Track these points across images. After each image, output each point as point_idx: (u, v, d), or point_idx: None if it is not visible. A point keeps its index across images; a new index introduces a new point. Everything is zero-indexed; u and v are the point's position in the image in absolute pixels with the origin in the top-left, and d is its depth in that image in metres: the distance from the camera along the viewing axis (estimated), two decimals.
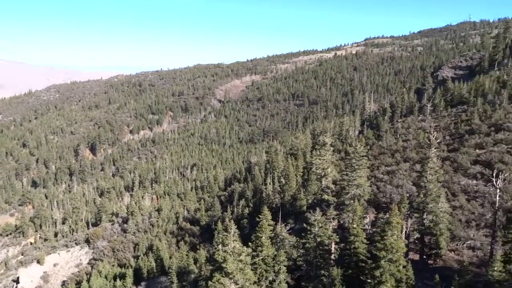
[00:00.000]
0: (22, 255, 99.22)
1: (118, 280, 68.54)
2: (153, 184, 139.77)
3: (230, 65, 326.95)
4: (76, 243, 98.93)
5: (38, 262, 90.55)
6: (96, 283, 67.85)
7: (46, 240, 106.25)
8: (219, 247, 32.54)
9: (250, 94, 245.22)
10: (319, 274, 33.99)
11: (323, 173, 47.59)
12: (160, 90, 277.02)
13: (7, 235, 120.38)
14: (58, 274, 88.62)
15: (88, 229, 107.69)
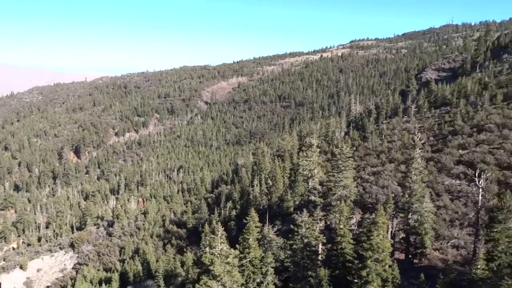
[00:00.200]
0: (4, 260, 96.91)
1: (103, 284, 67.58)
2: (139, 187, 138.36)
3: (216, 67, 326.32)
4: (60, 248, 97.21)
5: (21, 267, 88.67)
6: None
7: (29, 245, 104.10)
8: (206, 249, 32.36)
9: (237, 96, 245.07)
10: (306, 275, 34.08)
11: (309, 174, 47.80)
12: (146, 92, 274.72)
13: None
14: (41, 279, 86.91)
15: (72, 233, 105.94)
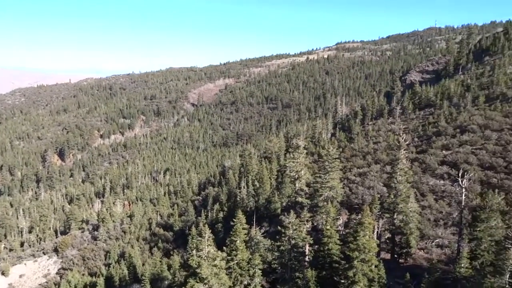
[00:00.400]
0: None
1: None
2: (125, 190, 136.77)
3: (203, 68, 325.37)
4: (43, 253, 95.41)
5: (3, 273, 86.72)
6: None
7: (11, 250, 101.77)
8: (193, 252, 32.13)
9: (224, 97, 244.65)
10: (294, 277, 34.13)
11: (296, 175, 47.98)
12: (132, 93, 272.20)
13: None
14: (24, 285, 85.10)
15: (56, 237, 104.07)
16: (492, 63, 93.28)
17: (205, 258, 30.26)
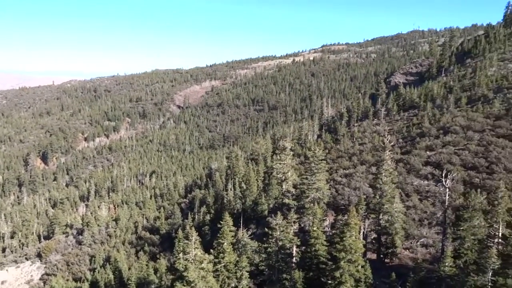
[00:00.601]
0: None
1: None
2: (110, 193, 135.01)
3: (189, 70, 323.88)
4: (26, 258, 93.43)
5: None
6: None
7: None
8: (180, 255, 31.91)
9: (210, 99, 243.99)
10: (281, 278, 34.16)
11: (283, 177, 48.16)
12: (117, 96, 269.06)
13: None
14: None
15: (39, 242, 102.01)
16: (474, 65, 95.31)
17: (192, 261, 30.07)
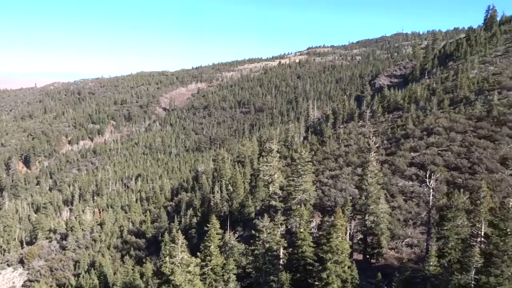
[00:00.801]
0: None
1: None
2: (94, 197, 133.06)
3: (175, 72, 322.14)
4: (8, 265, 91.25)
5: None
6: None
7: None
8: (167, 259, 31.61)
9: (196, 102, 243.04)
10: (268, 280, 34.16)
11: (270, 179, 48.17)
12: (101, 98, 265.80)
13: None
14: None
15: (22, 248, 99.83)
16: (456, 67, 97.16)
17: (178, 264, 29.84)
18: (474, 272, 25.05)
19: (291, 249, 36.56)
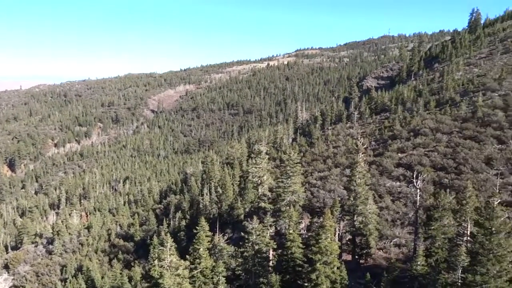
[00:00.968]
0: None
1: None
2: (81, 200, 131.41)
3: (163, 74, 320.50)
4: None
5: None
6: None
7: None
8: (155, 262, 31.36)
9: (185, 104, 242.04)
10: (258, 282, 34.12)
11: (259, 181, 48.22)
12: (88, 100, 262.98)
13: None
14: None
15: (7, 253, 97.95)
16: (441, 69, 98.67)
17: (167, 267, 29.64)
18: (460, 271, 25.40)
19: (280, 250, 36.60)
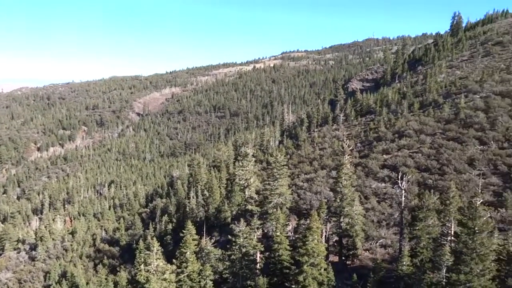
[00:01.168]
0: None
1: None
2: (65, 205, 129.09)
3: (148, 77, 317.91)
4: None
5: None
6: None
7: None
8: (141, 267, 31.02)
9: (171, 106, 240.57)
10: (245, 285, 34.04)
11: (246, 183, 48.23)
12: (72, 103, 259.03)
13: None
14: None
15: None
16: (425, 72, 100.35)
17: (153, 272, 29.35)
18: (445, 270, 25.80)
19: (267, 253, 36.61)
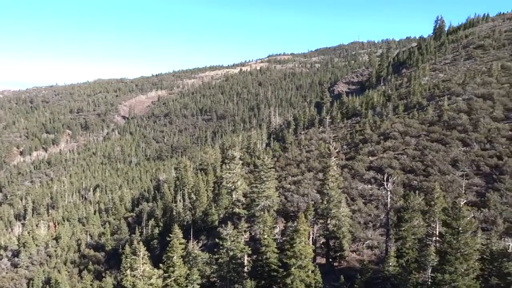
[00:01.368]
0: None
1: None
2: (49, 210, 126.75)
3: (134, 80, 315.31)
4: None
5: None
6: None
7: None
8: (127, 272, 30.62)
9: (157, 109, 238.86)
10: None
11: (233, 186, 48.11)
12: (56, 106, 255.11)
13: None
14: None
15: None
16: (409, 75, 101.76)
17: (140, 277, 28.99)
18: (430, 270, 26.13)
19: (255, 256, 36.53)
